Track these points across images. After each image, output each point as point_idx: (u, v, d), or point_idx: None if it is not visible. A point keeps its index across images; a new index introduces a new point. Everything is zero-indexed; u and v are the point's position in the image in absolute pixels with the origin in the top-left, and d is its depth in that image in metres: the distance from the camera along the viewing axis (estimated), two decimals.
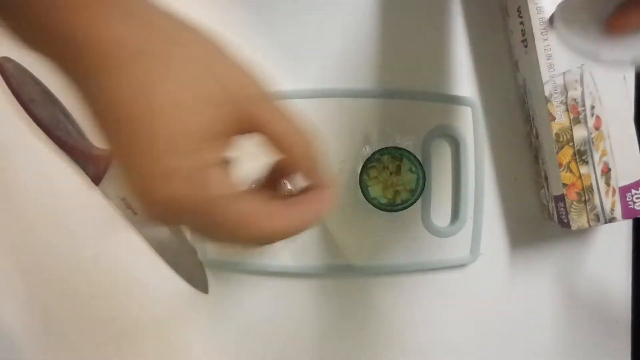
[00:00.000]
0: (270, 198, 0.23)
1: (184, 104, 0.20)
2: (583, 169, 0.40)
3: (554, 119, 0.40)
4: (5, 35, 0.22)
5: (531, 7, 0.39)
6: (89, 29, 0.19)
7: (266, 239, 0.23)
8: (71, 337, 0.46)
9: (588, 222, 0.40)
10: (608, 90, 0.40)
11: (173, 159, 0.20)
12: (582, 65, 0.39)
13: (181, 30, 0.22)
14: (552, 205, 0.43)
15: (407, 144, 0.44)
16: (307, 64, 0.45)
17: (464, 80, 0.45)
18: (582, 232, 0.47)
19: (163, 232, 0.45)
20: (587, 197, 0.40)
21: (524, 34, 0.41)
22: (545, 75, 0.40)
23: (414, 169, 0.42)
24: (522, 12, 0.41)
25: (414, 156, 0.42)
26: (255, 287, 0.47)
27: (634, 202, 0.40)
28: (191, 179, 0.20)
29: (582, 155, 0.40)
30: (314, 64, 0.45)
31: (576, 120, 0.40)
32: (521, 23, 0.41)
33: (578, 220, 0.40)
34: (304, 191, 0.25)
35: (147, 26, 0.21)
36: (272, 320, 0.47)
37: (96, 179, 0.44)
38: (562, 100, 0.40)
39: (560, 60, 0.39)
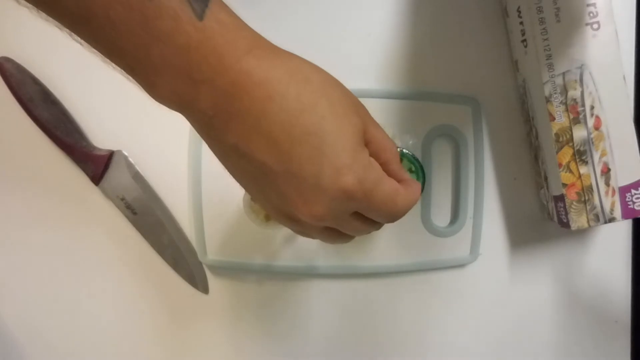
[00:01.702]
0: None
1: (341, 115, 0.25)
2: (583, 169, 0.40)
3: (553, 119, 0.40)
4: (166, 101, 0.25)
5: (531, 7, 0.39)
6: (255, 72, 0.24)
7: (404, 212, 0.28)
8: (70, 337, 0.46)
9: (588, 222, 0.40)
10: (608, 90, 0.40)
11: (345, 157, 0.25)
12: (582, 65, 0.39)
13: (305, 61, 0.27)
14: (551, 205, 0.43)
15: (407, 144, 0.44)
16: None
17: (464, 80, 0.45)
18: (582, 232, 0.47)
19: (163, 232, 0.45)
20: (586, 197, 0.40)
21: (523, 34, 0.41)
22: (544, 75, 0.40)
23: (414, 169, 0.42)
24: (522, 12, 0.41)
25: (414, 156, 0.42)
26: (255, 288, 0.47)
27: (634, 202, 0.40)
28: (359, 170, 0.25)
29: (581, 155, 0.40)
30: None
31: (576, 120, 0.40)
32: (521, 23, 0.41)
33: (578, 220, 0.40)
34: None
35: (288, 62, 0.25)
36: (272, 320, 0.47)
37: (96, 179, 0.44)
38: (561, 100, 0.40)
39: (560, 60, 0.39)
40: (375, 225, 0.29)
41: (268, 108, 0.24)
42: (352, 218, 0.28)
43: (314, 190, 0.25)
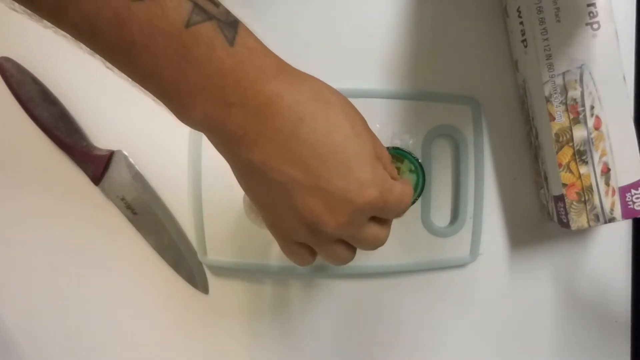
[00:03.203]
0: None
1: (360, 133, 0.28)
2: (583, 169, 0.40)
3: (553, 119, 0.40)
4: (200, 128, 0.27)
5: (531, 7, 0.39)
6: (285, 95, 0.26)
7: (408, 207, 0.31)
8: (70, 337, 0.46)
9: (588, 222, 0.40)
10: (608, 90, 0.40)
11: (367, 172, 0.28)
12: (582, 65, 0.39)
13: (322, 83, 0.29)
14: (551, 205, 0.43)
15: (407, 144, 0.44)
16: (306, 64, 0.44)
17: (463, 80, 0.45)
18: (582, 232, 0.47)
19: (163, 232, 0.45)
20: (586, 197, 0.40)
21: (523, 34, 0.41)
22: (544, 75, 0.40)
23: (414, 168, 0.42)
24: (522, 12, 0.41)
25: (414, 156, 0.42)
26: (255, 288, 0.47)
27: (634, 202, 0.40)
28: (380, 180, 0.28)
29: (581, 156, 0.40)
30: (313, 64, 0.44)
31: (576, 121, 0.40)
32: (521, 23, 0.41)
33: (578, 220, 0.40)
34: None
35: (311, 85, 0.28)
36: (272, 321, 0.47)
37: (96, 179, 0.44)
38: (561, 101, 0.40)
39: (560, 60, 0.39)
40: (387, 226, 0.32)
41: (299, 128, 0.26)
42: (369, 222, 0.30)
43: (341, 203, 0.27)
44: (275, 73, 0.26)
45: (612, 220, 0.40)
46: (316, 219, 0.28)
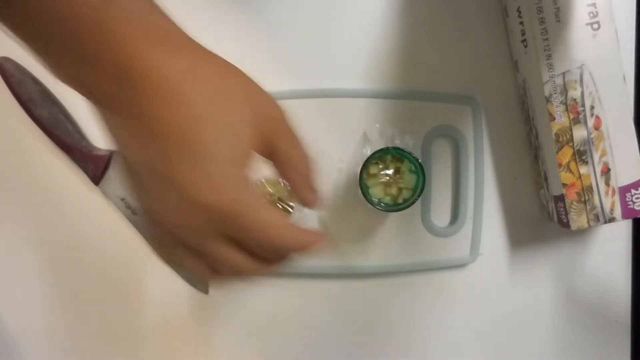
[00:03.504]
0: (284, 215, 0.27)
1: (231, 126, 0.24)
2: (583, 169, 0.40)
3: (553, 119, 0.40)
4: (49, 70, 0.24)
5: (531, 7, 0.39)
6: (147, 63, 0.22)
7: (283, 247, 0.27)
8: (72, 338, 0.46)
9: (588, 222, 0.40)
10: (608, 90, 0.40)
11: (218, 173, 0.24)
12: (582, 65, 0.39)
13: (218, 62, 0.25)
14: (551, 205, 0.43)
15: (407, 144, 0.44)
16: (306, 64, 0.45)
17: (464, 80, 0.45)
18: (582, 232, 0.47)
19: None
20: (586, 197, 0.40)
21: (523, 34, 0.41)
22: (545, 75, 0.40)
23: (414, 169, 0.42)
24: (522, 12, 0.41)
25: (414, 156, 0.42)
26: (255, 288, 0.46)
27: (634, 202, 0.40)
28: (235, 187, 0.25)
29: (581, 155, 0.40)
30: (314, 64, 0.45)
31: (576, 120, 0.40)
32: (521, 23, 0.41)
33: (578, 220, 0.40)
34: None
35: (192, 60, 0.24)
36: (272, 321, 0.47)
37: (96, 179, 0.44)
38: (561, 100, 0.40)
39: (560, 60, 0.39)
40: (255, 260, 0.28)
41: (163, 107, 0.23)
42: (222, 243, 0.26)
43: (185, 199, 0.24)
44: (157, 42, 0.23)
45: (612, 220, 0.40)
46: (158, 210, 0.25)
